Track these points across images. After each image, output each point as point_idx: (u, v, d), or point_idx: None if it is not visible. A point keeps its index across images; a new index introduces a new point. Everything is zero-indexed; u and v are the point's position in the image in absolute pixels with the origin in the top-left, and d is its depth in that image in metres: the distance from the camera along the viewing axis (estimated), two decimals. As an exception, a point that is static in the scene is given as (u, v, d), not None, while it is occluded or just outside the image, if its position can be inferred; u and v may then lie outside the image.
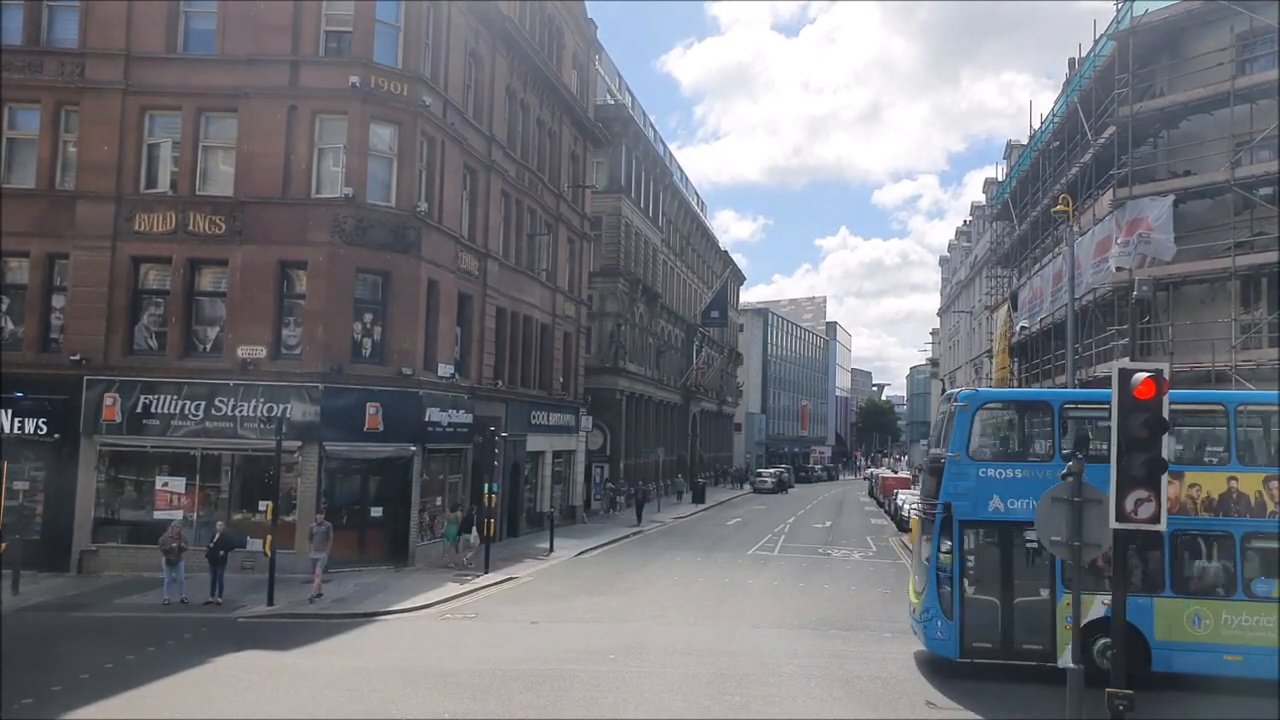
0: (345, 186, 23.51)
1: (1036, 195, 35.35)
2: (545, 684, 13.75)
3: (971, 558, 14.78)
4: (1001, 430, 15.52)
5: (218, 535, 20.11)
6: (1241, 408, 14.69)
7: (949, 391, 15.34)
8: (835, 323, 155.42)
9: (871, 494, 69.25)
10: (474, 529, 25.38)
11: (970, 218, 70.05)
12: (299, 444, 22.64)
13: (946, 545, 14.62)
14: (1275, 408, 14.75)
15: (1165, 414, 10.23)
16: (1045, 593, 14.39)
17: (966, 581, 14.65)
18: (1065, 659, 13.52)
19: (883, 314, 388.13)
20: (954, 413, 14.98)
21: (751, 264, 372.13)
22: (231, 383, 22.93)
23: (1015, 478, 14.59)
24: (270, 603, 19.11)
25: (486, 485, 25.26)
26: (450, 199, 26.92)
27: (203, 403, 22.84)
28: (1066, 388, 24.96)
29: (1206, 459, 14.76)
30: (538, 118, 34.91)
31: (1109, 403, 15.38)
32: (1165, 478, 10.33)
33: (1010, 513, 14.51)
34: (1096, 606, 14.10)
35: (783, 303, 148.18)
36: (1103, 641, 13.90)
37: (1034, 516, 13.68)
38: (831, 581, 25.61)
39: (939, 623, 14.63)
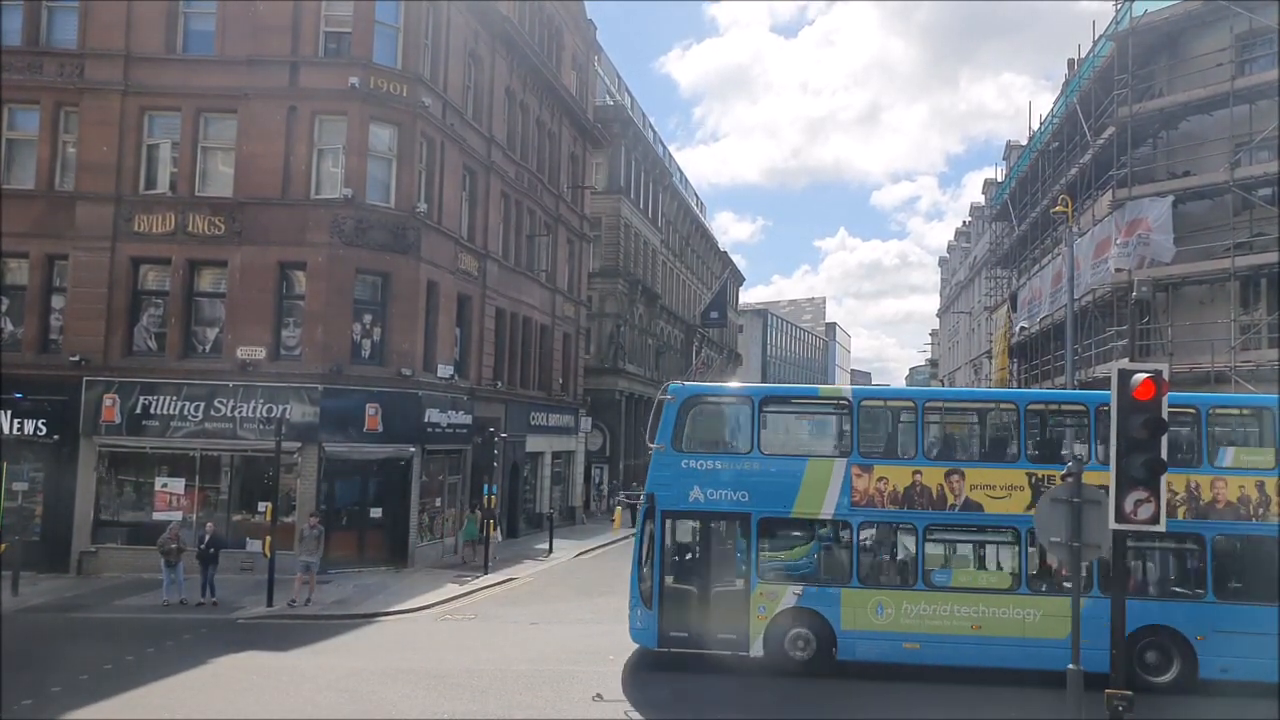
0: (345, 187, 23.51)
1: (1036, 196, 35.36)
2: (545, 685, 13.75)
3: (673, 548, 14.97)
4: (706, 423, 15.69)
5: (207, 535, 20.11)
6: (929, 404, 15.11)
7: (665, 384, 15.50)
8: (834, 323, 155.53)
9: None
10: (497, 527, 26.33)
11: (969, 219, 70.05)
12: (298, 445, 22.63)
13: (649, 535, 14.74)
14: (960, 404, 15.45)
15: (1164, 413, 10.23)
16: (740, 583, 14.59)
17: (667, 571, 14.77)
18: (756, 648, 14.30)
19: (882, 315, 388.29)
20: (662, 405, 15.16)
21: (750, 265, 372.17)
22: (231, 384, 22.92)
23: (716, 469, 14.85)
24: (270, 604, 19.10)
25: (486, 486, 25.28)
26: (450, 200, 26.92)
27: (202, 404, 22.84)
28: (1066, 388, 24.98)
29: (898, 453, 15.12)
30: (537, 118, 34.92)
31: (810, 397, 15.75)
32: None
33: (710, 503, 14.75)
34: (788, 596, 14.42)
35: (782, 303, 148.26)
36: (795, 631, 14.32)
37: (732, 507, 14.60)
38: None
39: (639, 612, 14.75)
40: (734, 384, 16.46)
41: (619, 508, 18.25)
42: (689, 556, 15.07)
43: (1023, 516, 14.14)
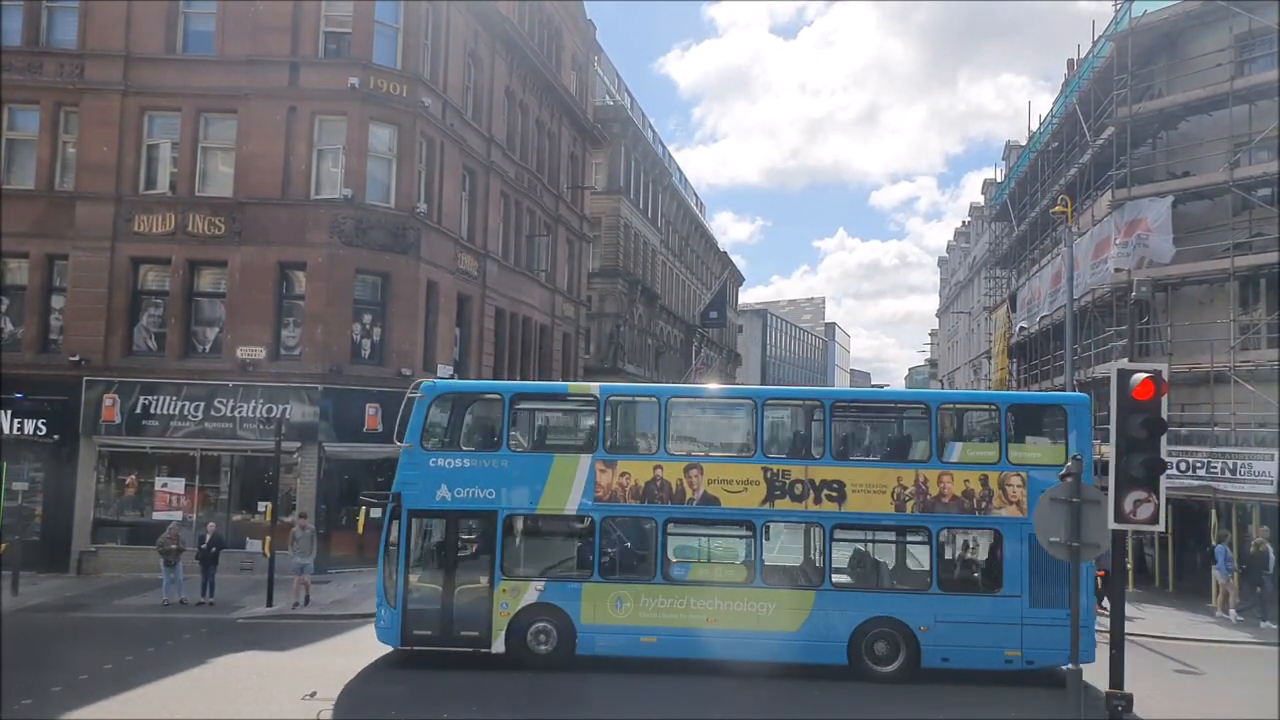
0: (344, 187, 23.52)
1: (1035, 196, 35.36)
2: (544, 685, 13.76)
3: (419, 546, 14.98)
4: (455, 421, 15.69)
5: (207, 535, 20.12)
6: (673, 400, 15.29)
7: (416, 382, 15.58)
8: (834, 324, 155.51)
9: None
10: None
11: (969, 219, 70.05)
12: (298, 445, 22.64)
13: (395, 534, 14.73)
14: (702, 400, 15.83)
15: (1163, 413, 10.24)
16: (485, 580, 14.65)
17: (412, 570, 14.77)
18: (498, 644, 14.42)
19: (881, 315, 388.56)
20: (411, 402, 15.16)
21: (750, 265, 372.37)
22: (231, 384, 22.93)
23: (463, 467, 14.89)
24: (269, 604, 19.11)
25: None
26: (449, 200, 26.93)
27: (202, 404, 22.85)
28: (1065, 389, 24.99)
29: (640, 449, 15.34)
30: (537, 119, 34.92)
31: (559, 395, 15.87)
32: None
33: (457, 501, 14.77)
34: (530, 592, 14.53)
35: (781, 304, 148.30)
36: (536, 626, 14.45)
37: (479, 505, 14.65)
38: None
39: (383, 611, 14.70)
40: (486, 381, 16.57)
41: (362, 508, 18.48)
42: (435, 555, 15.00)
43: (759, 510, 14.53)
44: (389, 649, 14.90)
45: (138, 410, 22.92)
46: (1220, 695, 14.46)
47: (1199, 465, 22.03)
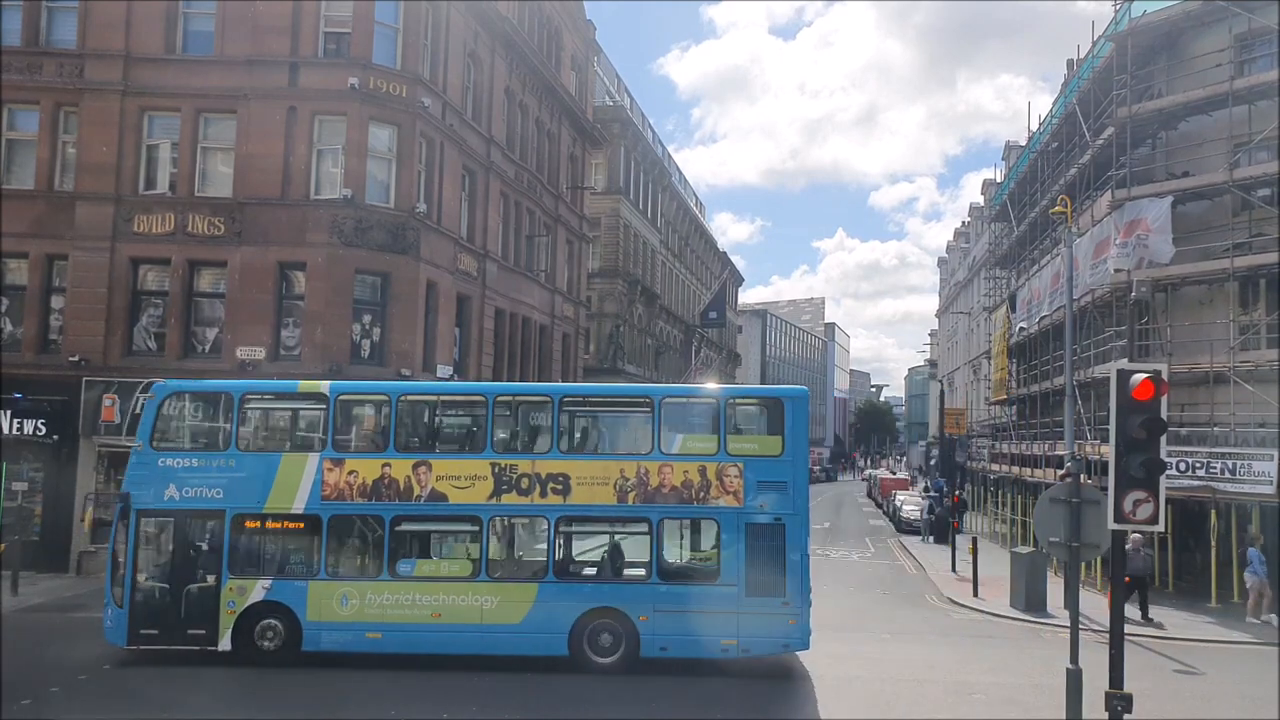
0: (344, 188, 23.51)
1: (1035, 196, 35.35)
2: (544, 685, 13.75)
3: (148, 546, 14.99)
4: (186, 420, 15.75)
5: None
6: (402, 397, 15.41)
7: (148, 382, 15.61)
8: (834, 324, 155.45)
9: (870, 495, 69.30)
10: None
11: (969, 219, 70.05)
12: (298, 445, 22.59)
13: (123, 534, 14.76)
14: (432, 397, 15.89)
15: (1162, 414, 10.24)
16: (212, 579, 14.69)
17: (140, 570, 14.79)
18: (225, 642, 14.44)
19: (880, 315, 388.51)
20: (144, 402, 15.24)
21: (749, 265, 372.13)
22: (230, 384, 22.89)
23: (192, 466, 14.93)
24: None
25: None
26: (449, 200, 26.93)
27: (202, 404, 22.80)
28: (1065, 389, 25.00)
29: (369, 446, 15.45)
30: (536, 119, 34.92)
31: (289, 393, 15.94)
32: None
33: (185, 501, 14.81)
34: (257, 590, 14.59)
35: (781, 304, 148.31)
36: (263, 624, 14.52)
37: (207, 504, 14.69)
38: (830, 582, 25.62)
39: (110, 611, 14.70)
40: (221, 380, 16.55)
41: (89, 507, 18.66)
42: (164, 555, 15.05)
43: (485, 505, 14.75)
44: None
45: (137, 410, 22.79)
46: (1220, 695, 14.46)
47: (1198, 465, 22.04)
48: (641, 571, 14.72)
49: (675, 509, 14.74)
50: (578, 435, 15.70)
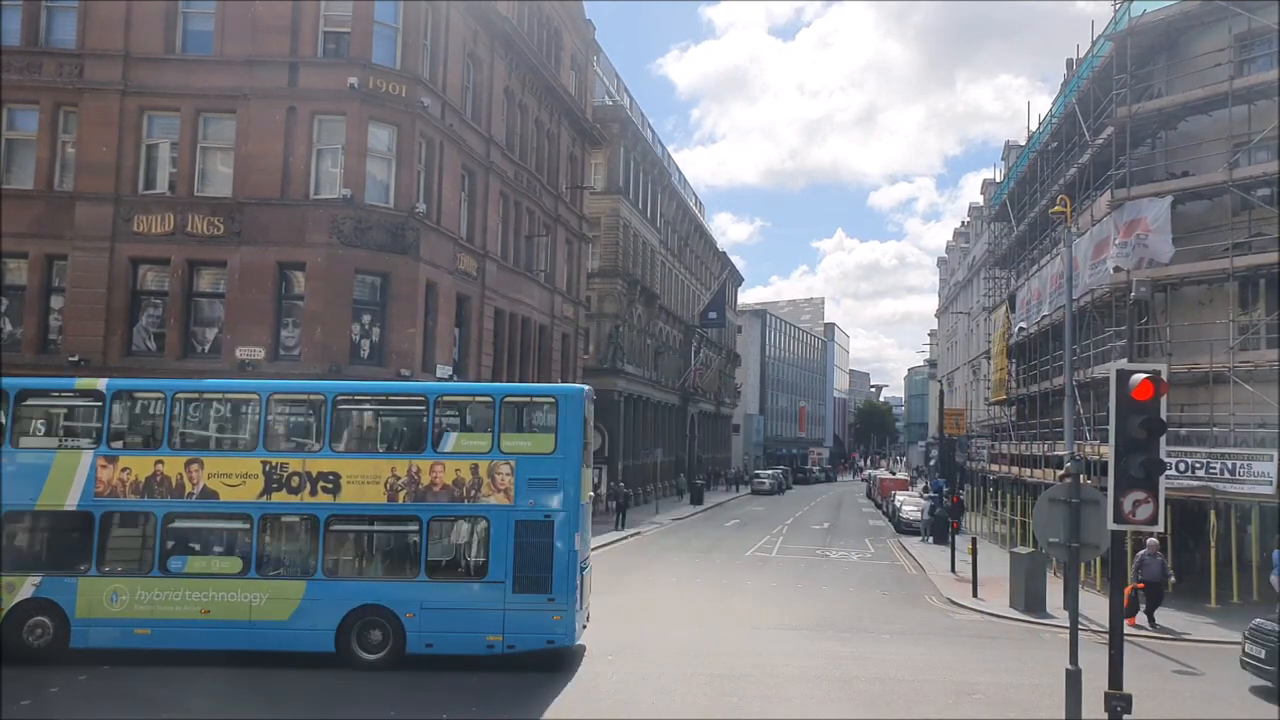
0: (344, 188, 23.51)
1: (1034, 196, 35.34)
2: (543, 685, 13.76)
3: None
4: None
5: None
6: (177, 395, 15.36)
7: None
8: (833, 324, 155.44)
9: (869, 495, 69.34)
10: None
11: (968, 219, 70.09)
12: (297, 445, 22.59)
13: None
14: (207, 395, 15.76)
15: (1162, 414, 10.24)
16: None
17: None
18: None
19: (880, 315, 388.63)
20: None
21: (749, 266, 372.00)
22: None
23: None
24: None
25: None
26: (449, 200, 26.92)
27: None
28: (1064, 389, 24.98)
29: (142, 444, 15.35)
30: (536, 119, 34.92)
31: (66, 390, 15.82)
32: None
33: None
34: (26, 587, 14.55)
35: (781, 304, 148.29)
36: (32, 620, 14.40)
37: None
38: (830, 583, 25.64)
39: None
40: None
41: None
42: None
43: (255, 503, 14.74)
44: None
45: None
46: (1220, 695, 14.46)
47: (1198, 465, 22.03)
48: (410, 569, 14.78)
49: (445, 507, 14.82)
50: (351, 433, 15.68)
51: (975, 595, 23.41)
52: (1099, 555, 11.14)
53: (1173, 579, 20.45)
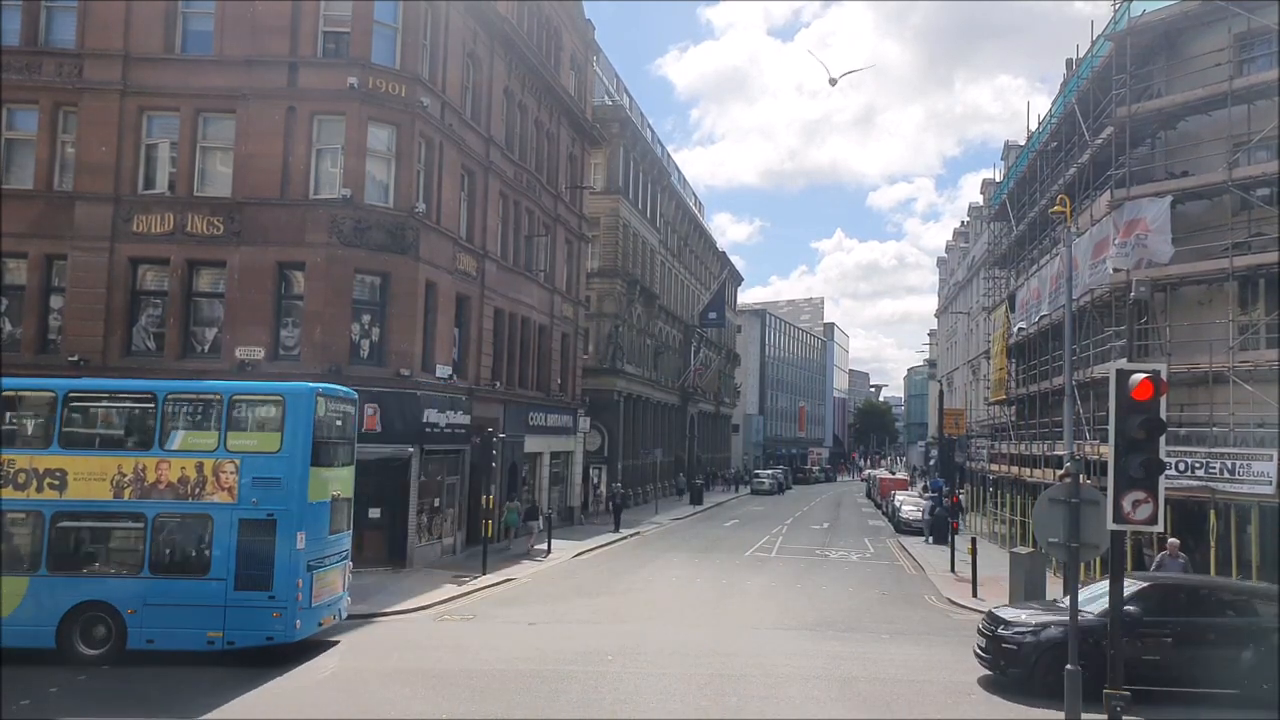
0: (343, 188, 23.50)
1: (1034, 196, 35.34)
2: (543, 685, 13.75)
3: None
4: None
5: None
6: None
7: None
8: (833, 324, 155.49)
9: (869, 495, 69.38)
10: (539, 517, 30.72)
11: (968, 219, 70.10)
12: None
13: None
14: (17, 393, 15.82)
15: (1162, 414, 10.24)
16: None
17: None
18: None
19: (879, 315, 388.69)
20: None
21: (748, 266, 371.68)
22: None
23: None
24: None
25: (484, 487, 25.29)
26: (448, 200, 26.92)
27: (201, 404, 22.78)
28: (1064, 389, 24.98)
29: None
30: (536, 119, 34.92)
31: None
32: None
33: None
34: None
35: (780, 304, 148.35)
36: None
37: None
38: (829, 583, 25.64)
39: None
40: None
41: None
42: None
43: None
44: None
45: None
46: (1220, 695, 14.43)
47: (1198, 465, 22.02)
48: (133, 566, 14.85)
49: (170, 505, 14.90)
50: (81, 430, 15.68)
51: (975, 595, 23.42)
52: (1098, 555, 11.15)
53: None
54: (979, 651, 14.82)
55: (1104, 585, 15.58)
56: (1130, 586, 14.63)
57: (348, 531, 16.97)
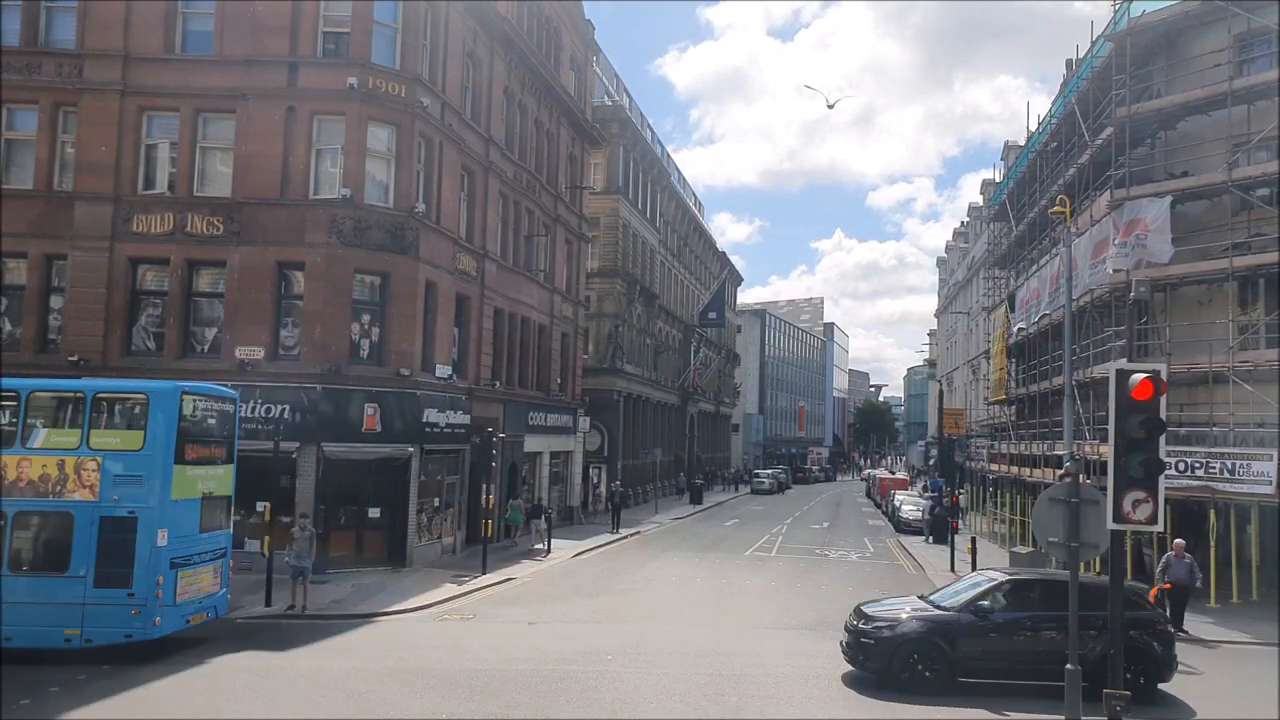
0: (343, 188, 23.50)
1: (1034, 196, 35.35)
2: (543, 685, 13.76)
3: None
4: None
5: None
6: None
7: None
8: (832, 324, 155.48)
9: (869, 495, 69.38)
10: (542, 515, 30.56)
11: (968, 219, 70.11)
12: (296, 445, 22.60)
13: None
14: None
15: (1161, 414, 10.25)
16: None
17: None
18: None
19: (879, 315, 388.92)
20: None
21: (748, 266, 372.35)
22: (229, 384, 22.82)
23: None
24: (268, 603, 19.08)
25: (484, 486, 25.28)
26: (448, 200, 26.91)
27: (201, 404, 22.77)
28: (1064, 389, 24.99)
29: None
30: (535, 119, 34.91)
31: None
32: None
33: None
34: None
35: (780, 304, 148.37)
36: None
37: None
38: (829, 582, 25.63)
39: None
40: None
41: None
42: None
43: None
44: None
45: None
46: (1220, 695, 14.46)
47: (1197, 465, 22.04)
48: None
49: (30, 503, 14.88)
50: None
51: (975, 595, 23.35)
52: (1098, 554, 11.15)
53: (1199, 580, 20.13)
54: (842, 647, 14.88)
55: (972, 578, 16.27)
56: (986, 584, 14.89)
57: (226, 530, 16.93)
